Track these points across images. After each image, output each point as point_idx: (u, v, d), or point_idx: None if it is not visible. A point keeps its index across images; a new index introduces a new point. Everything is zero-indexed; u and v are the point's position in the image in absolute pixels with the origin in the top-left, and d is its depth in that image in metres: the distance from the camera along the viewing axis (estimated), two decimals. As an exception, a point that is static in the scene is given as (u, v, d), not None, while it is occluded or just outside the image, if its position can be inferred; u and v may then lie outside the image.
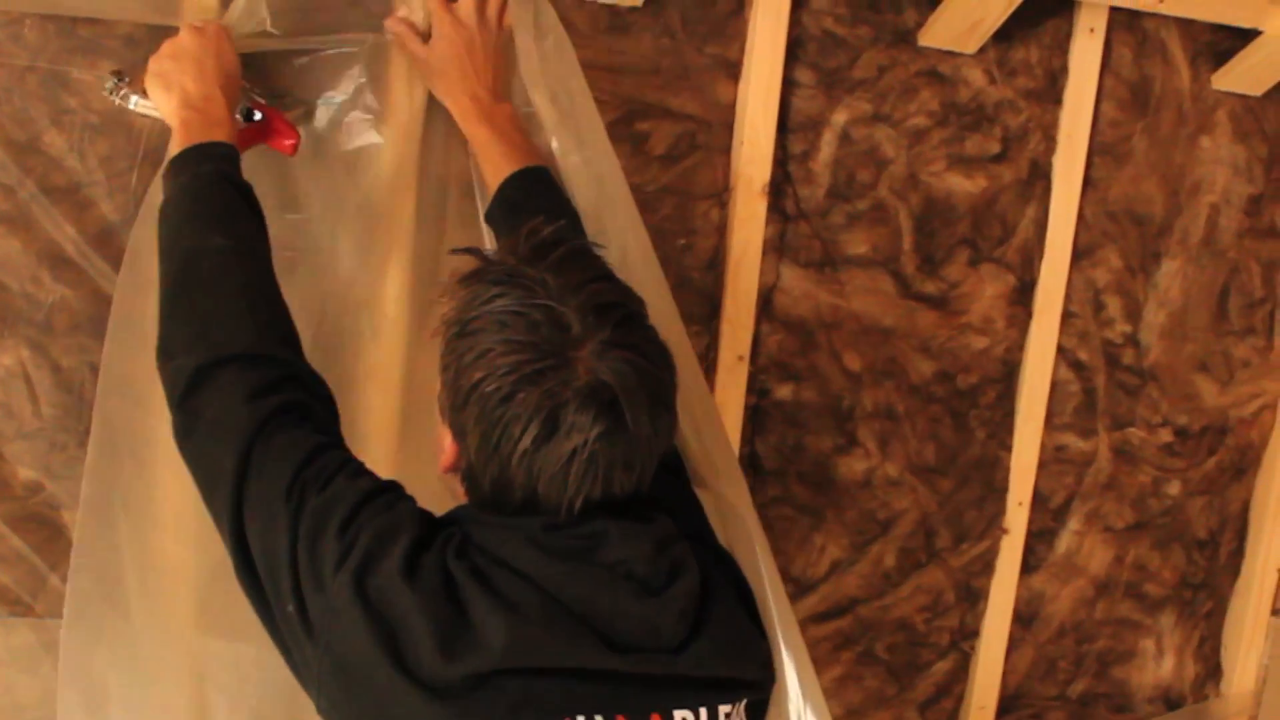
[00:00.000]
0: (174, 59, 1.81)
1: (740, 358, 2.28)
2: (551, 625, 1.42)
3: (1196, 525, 2.69)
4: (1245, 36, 2.38)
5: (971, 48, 2.30)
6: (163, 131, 1.92)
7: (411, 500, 1.54)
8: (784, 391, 2.35)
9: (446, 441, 1.53)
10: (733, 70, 2.21)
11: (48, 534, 2.04)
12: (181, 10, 1.91)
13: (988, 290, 2.42)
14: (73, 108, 1.94)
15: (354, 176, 2.01)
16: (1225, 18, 2.33)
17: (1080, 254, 2.46)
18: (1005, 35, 2.30)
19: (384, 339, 2.01)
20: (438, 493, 1.61)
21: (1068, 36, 2.37)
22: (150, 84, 1.84)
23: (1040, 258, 2.44)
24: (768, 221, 2.26)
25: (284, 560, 1.47)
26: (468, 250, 1.53)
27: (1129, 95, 2.42)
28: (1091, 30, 2.36)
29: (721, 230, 2.25)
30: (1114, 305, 2.51)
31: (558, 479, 1.43)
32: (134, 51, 1.94)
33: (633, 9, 2.13)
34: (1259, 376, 2.64)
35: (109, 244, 1.96)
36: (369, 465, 1.58)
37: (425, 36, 1.96)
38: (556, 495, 1.44)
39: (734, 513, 1.95)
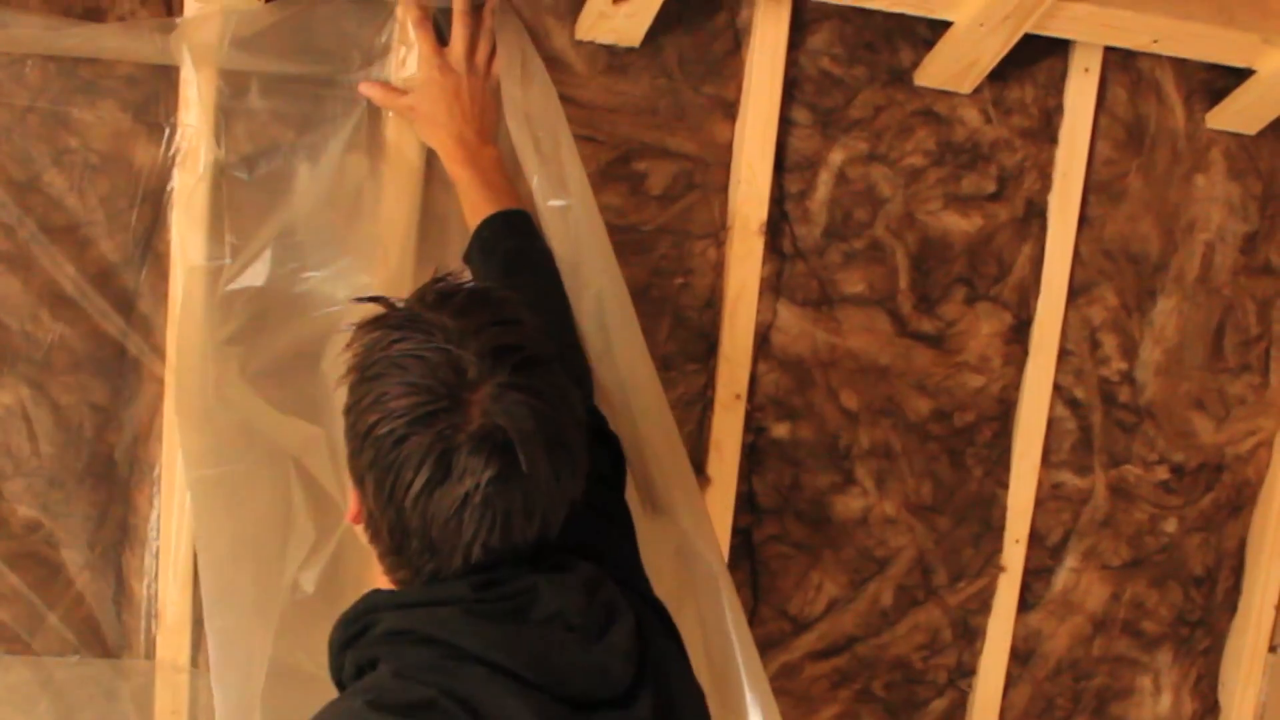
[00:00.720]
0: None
1: (737, 396, 2.28)
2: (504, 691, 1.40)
3: (1193, 562, 2.69)
4: (1239, 76, 2.39)
5: (967, 87, 2.31)
6: (161, 173, 1.94)
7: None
8: (781, 430, 2.35)
9: (350, 491, 1.50)
10: (730, 110, 2.22)
11: (45, 572, 2.04)
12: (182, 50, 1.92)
13: (984, 328, 2.43)
14: (73, 147, 1.95)
15: (354, 217, 2.02)
16: (1219, 57, 2.34)
17: (1076, 292, 2.47)
18: (1001, 75, 2.31)
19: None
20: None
21: (1063, 76, 2.38)
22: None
23: (1036, 296, 2.44)
24: (765, 260, 2.27)
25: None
26: (373, 299, 1.51)
27: (1124, 134, 2.43)
28: (1086, 70, 2.37)
29: (718, 269, 2.26)
30: (1110, 343, 2.52)
31: (451, 524, 1.40)
32: (135, 91, 1.95)
33: (630, 49, 2.14)
34: (1255, 414, 2.64)
35: (109, 283, 1.97)
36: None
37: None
38: (451, 542, 1.41)
39: (700, 557, 1.96)
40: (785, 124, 2.25)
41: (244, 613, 1.89)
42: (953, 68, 2.26)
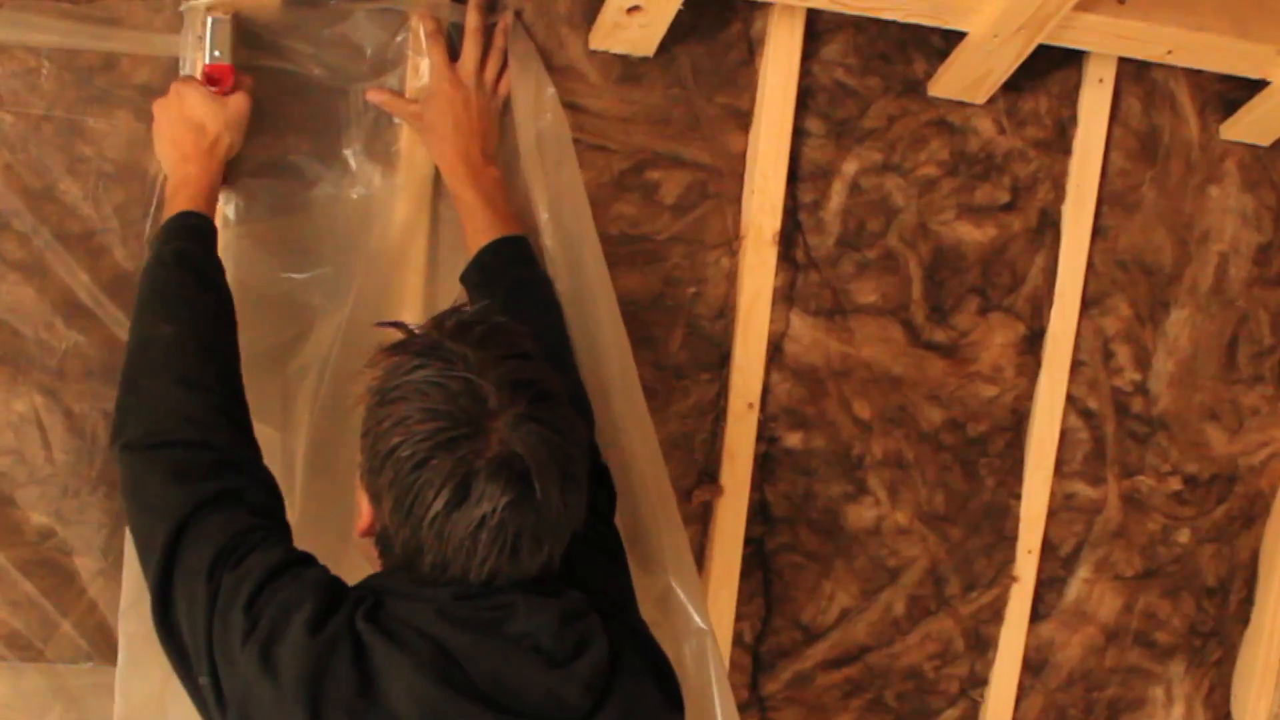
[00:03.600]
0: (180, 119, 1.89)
1: (750, 405, 2.28)
2: (458, 690, 1.45)
3: (1206, 573, 2.69)
4: (1253, 87, 2.38)
5: (981, 98, 2.31)
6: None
7: (321, 568, 1.59)
8: (794, 439, 2.35)
9: (364, 506, 1.58)
10: (743, 120, 2.22)
11: (59, 579, 2.04)
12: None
13: (997, 339, 2.43)
14: (88, 156, 1.95)
15: (367, 224, 2.03)
16: (1233, 68, 2.34)
17: (1089, 303, 2.46)
18: (1014, 86, 2.31)
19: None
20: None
21: (1076, 87, 2.37)
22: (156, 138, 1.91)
23: (1049, 306, 2.44)
24: (778, 270, 2.27)
25: (201, 634, 1.53)
26: (393, 324, 1.58)
27: (1138, 145, 2.43)
28: (1100, 80, 2.37)
29: (731, 278, 2.26)
30: (1123, 354, 2.51)
31: (466, 545, 1.47)
32: (149, 100, 1.95)
33: (644, 59, 2.14)
34: (1268, 425, 2.64)
35: (122, 291, 1.97)
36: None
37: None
38: (464, 562, 1.48)
39: (682, 609, 2.00)
40: (799, 134, 2.25)
41: None
42: (967, 78, 2.26)
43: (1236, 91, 2.42)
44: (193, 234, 1.81)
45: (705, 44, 2.18)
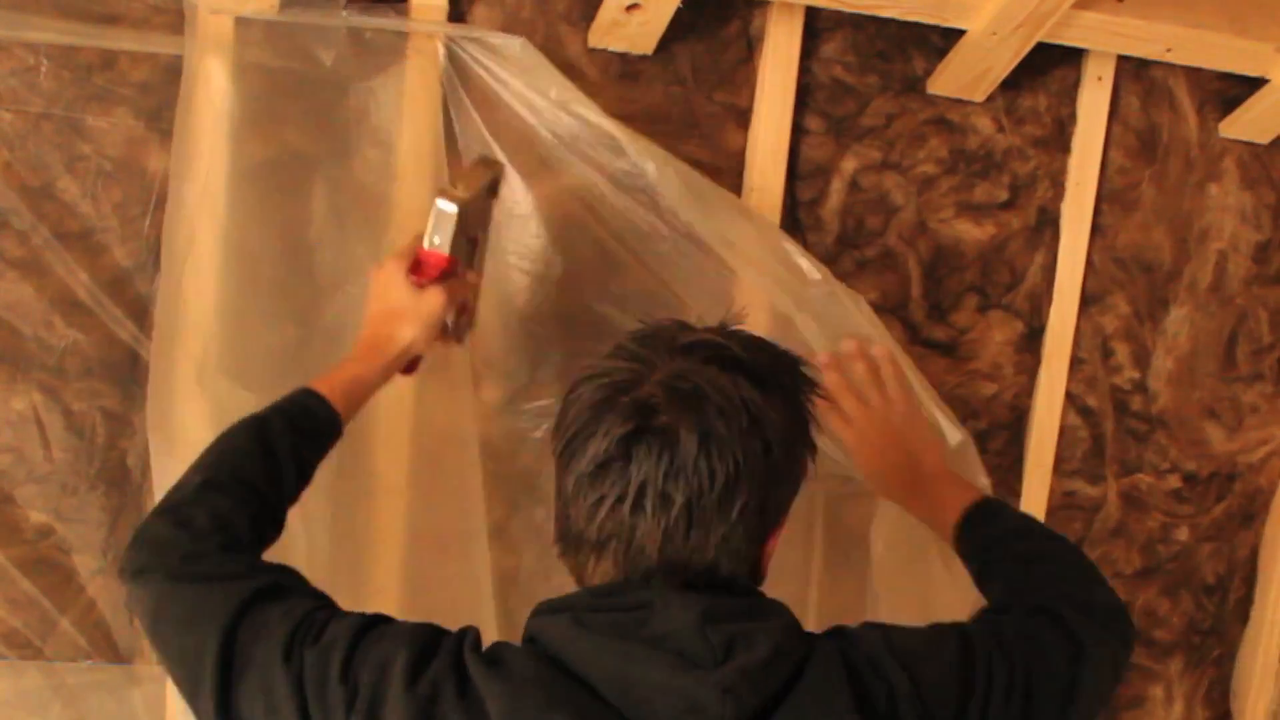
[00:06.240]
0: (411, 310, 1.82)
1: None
2: (559, 709, 1.35)
3: (1205, 571, 2.69)
4: (1253, 85, 2.38)
5: (980, 96, 2.31)
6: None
7: (402, 623, 1.47)
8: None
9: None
10: (742, 118, 2.22)
11: (58, 578, 2.04)
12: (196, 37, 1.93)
13: (996, 337, 2.43)
14: (86, 154, 1.96)
15: (369, 223, 2.03)
16: (1232, 66, 2.34)
17: (1088, 300, 2.46)
18: (1013, 83, 2.31)
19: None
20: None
21: (1075, 85, 2.37)
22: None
23: (1048, 304, 2.44)
24: (777, 268, 2.27)
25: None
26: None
27: (1137, 143, 2.43)
28: (1099, 78, 2.37)
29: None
30: (1123, 351, 2.51)
31: (585, 483, 1.39)
32: (148, 98, 1.96)
33: (643, 57, 2.14)
34: (1268, 423, 2.64)
35: (122, 289, 1.97)
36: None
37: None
38: (586, 503, 1.39)
39: None
40: (798, 132, 2.25)
41: None
42: (965, 76, 2.26)
43: (1236, 89, 2.42)
44: (294, 413, 1.70)
45: (704, 42, 2.18)
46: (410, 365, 1.86)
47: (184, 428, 1.90)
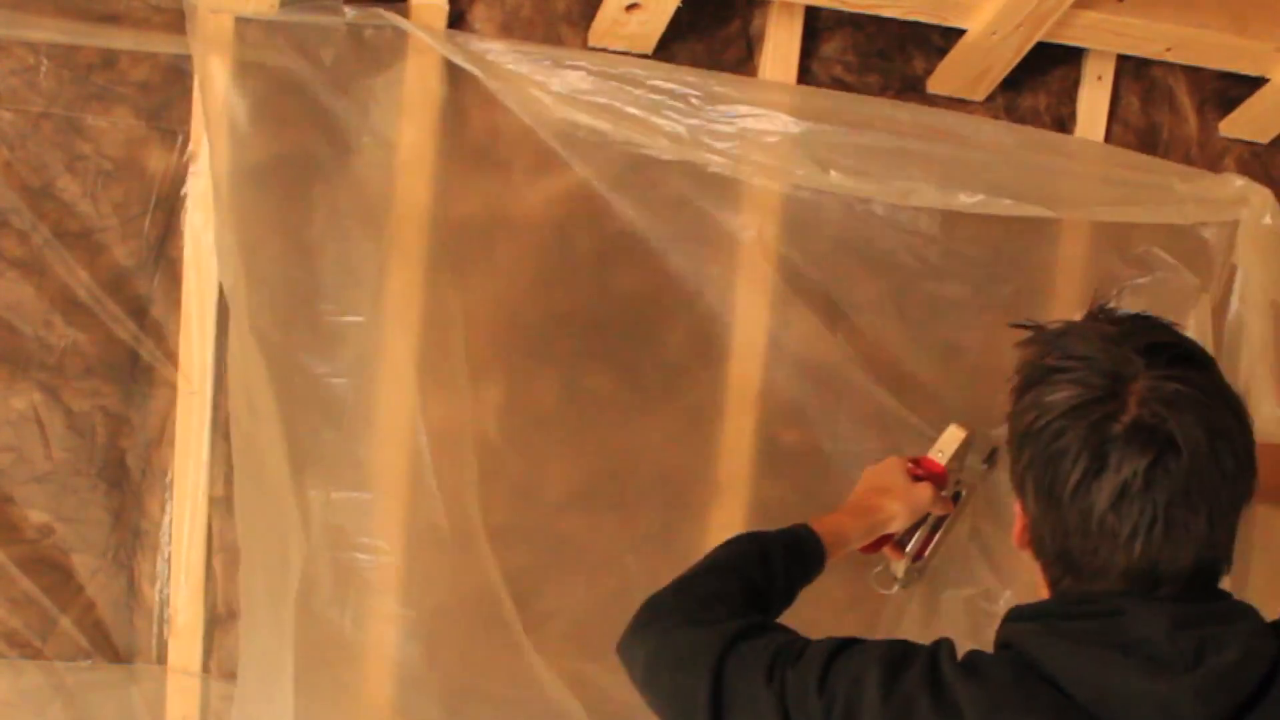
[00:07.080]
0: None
1: (749, 403, 2.28)
2: (1038, 712, 1.38)
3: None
4: (1252, 84, 2.38)
5: (980, 95, 2.31)
6: (174, 179, 1.95)
7: (874, 641, 1.53)
8: (791, 436, 2.34)
9: (1017, 509, 1.51)
10: (742, 117, 2.22)
11: (58, 577, 2.04)
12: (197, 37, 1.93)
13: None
14: (86, 153, 1.96)
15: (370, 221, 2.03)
16: (1232, 66, 2.34)
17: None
18: (1013, 83, 2.31)
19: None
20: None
21: (1076, 84, 2.37)
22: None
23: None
24: (778, 268, 2.26)
25: None
26: (1024, 324, 1.51)
27: (1137, 142, 2.43)
28: (1099, 78, 2.36)
29: (731, 276, 2.25)
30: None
31: (1109, 518, 1.38)
32: (148, 98, 1.96)
33: (643, 56, 2.14)
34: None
35: (122, 289, 1.97)
36: None
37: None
38: (1110, 539, 1.38)
39: None
40: (798, 131, 2.24)
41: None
42: (966, 76, 2.26)
43: (1235, 88, 2.42)
44: (791, 539, 1.88)
45: (704, 41, 2.18)
46: (875, 544, 2.12)
47: None
